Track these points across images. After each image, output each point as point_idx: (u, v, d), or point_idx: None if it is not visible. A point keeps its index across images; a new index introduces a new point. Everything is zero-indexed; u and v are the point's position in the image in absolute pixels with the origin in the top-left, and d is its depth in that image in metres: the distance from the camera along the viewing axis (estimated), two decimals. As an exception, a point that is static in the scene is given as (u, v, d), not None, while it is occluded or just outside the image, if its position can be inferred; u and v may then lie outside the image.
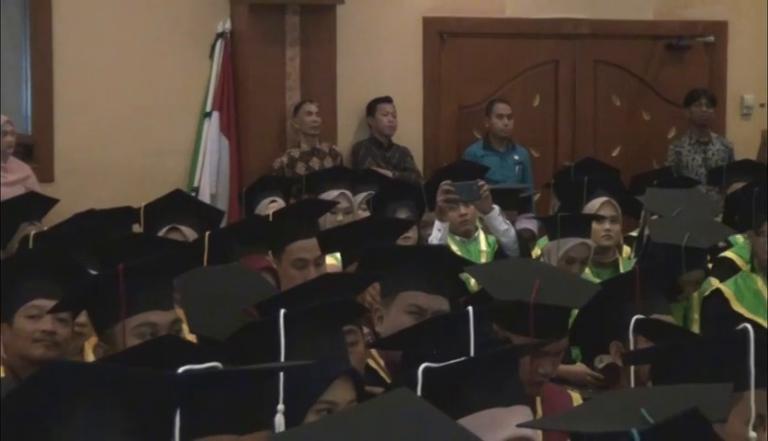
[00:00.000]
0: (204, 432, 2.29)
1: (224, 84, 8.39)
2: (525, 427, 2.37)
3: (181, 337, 3.11)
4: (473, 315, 2.86)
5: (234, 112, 8.43)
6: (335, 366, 2.67)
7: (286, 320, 2.67)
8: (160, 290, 3.26)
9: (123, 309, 3.17)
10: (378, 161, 8.51)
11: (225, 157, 8.37)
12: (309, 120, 8.29)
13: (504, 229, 5.56)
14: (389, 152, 8.64)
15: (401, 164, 8.59)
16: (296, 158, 8.27)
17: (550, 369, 3.44)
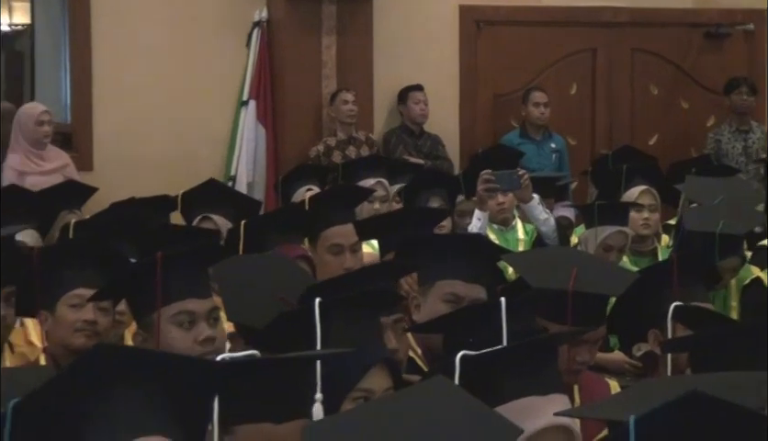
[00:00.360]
0: (241, 419, 2.30)
1: (261, 72, 8.40)
2: (563, 416, 2.37)
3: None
4: (506, 305, 2.86)
5: (271, 101, 8.45)
6: (372, 354, 2.67)
7: (321, 308, 2.68)
8: (197, 279, 3.26)
9: (159, 297, 3.18)
10: (409, 149, 8.50)
11: (262, 146, 8.39)
12: (345, 109, 8.29)
13: (544, 218, 5.55)
14: (420, 140, 8.63)
15: (433, 153, 8.57)
16: (332, 146, 8.27)
17: (588, 357, 3.43)
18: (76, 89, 8.19)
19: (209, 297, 3.26)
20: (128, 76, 8.15)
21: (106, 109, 8.14)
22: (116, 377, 1.88)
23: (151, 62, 8.22)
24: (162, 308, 3.17)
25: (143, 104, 8.17)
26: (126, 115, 8.13)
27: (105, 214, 5.26)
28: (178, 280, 3.21)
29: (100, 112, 8.16)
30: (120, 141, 8.11)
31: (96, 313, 3.60)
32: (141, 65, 8.19)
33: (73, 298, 3.61)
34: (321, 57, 8.43)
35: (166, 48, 8.26)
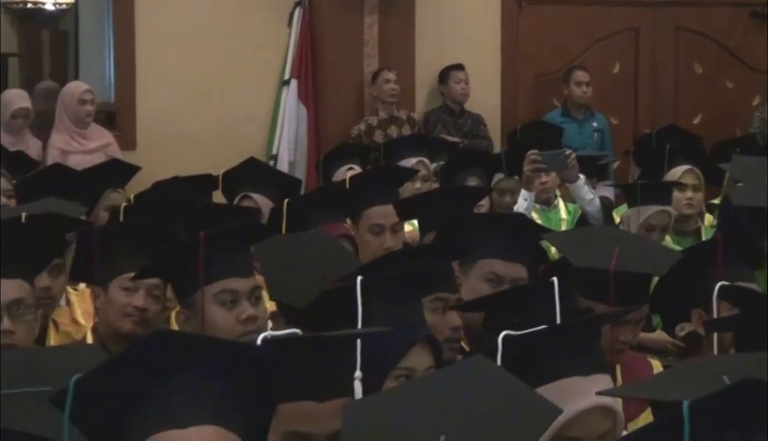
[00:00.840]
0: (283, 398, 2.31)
1: (302, 52, 8.41)
2: (605, 395, 2.36)
3: None
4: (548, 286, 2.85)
5: (312, 80, 8.45)
6: (413, 332, 2.67)
7: (363, 287, 2.68)
8: (239, 257, 3.26)
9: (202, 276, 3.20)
10: (448, 128, 8.49)
11: (303, 125, 8.40)
12: (387, 88, 8.29)
13: (590, 198, 5.53)
14: (460, 119, 8.61)
15: (473, 132, 8.56)
16: (374, 126, 8.27)
17: (630, 337, 3.42)
18: (120, 68, 8.23)
19: (252, 276, 3.27)
20: (171, 55, 8.18)
21: (149, 88, 8.18)
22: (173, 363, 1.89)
23: (193, 41, 8.24)
24: (204, 287, 3.18)
25: (186, 83, 8.20)
26: (169, 94, 8.17)
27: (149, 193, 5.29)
28: (221, 259, 3.22)
29: (143, 91, 8.20)
30: (163, 120, 8.15)
31: (146, 300, 3.58)
32: (184, 44, 8.22)
33: (126, 281, 3.59)
34: (363, 36, 8.43)
35: (209, 27, 8.28)
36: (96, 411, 1.88)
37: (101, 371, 1.90)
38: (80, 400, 1.84)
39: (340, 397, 2.31)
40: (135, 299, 3.58)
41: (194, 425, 1.89)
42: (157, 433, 1.89)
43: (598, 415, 2.41)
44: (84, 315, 4.38)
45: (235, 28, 8.34)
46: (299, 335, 2.38)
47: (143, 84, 8.20)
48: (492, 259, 3.57)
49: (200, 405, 1.90)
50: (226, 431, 1.91)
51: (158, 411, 1.88)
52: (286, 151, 8.31)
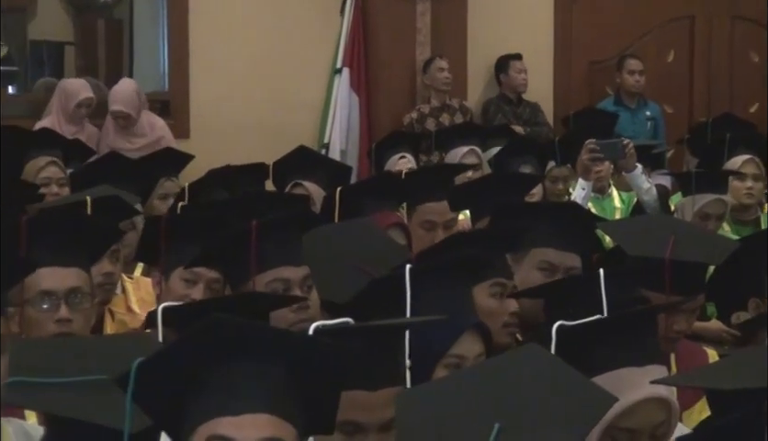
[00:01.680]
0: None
1: (354, 40, 8.41)
2: (660, 384, 2.34)
3: None
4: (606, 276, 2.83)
5: (364, 68, 8.45)
6: (463, 319, 2.67)
7: (412, 275, 2.67)
8: (291, 246, 3.27)
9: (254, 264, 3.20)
10: (508, 117, 8.47)
11: (355, 113, 8.40)
12: (440, 76, 8.27)
13: (647, 187, 5.49)
14: (519, 107, 8.60)
15: (532, 120, 8.54)
16: (426, 114, 8.26)
17: (685, 326, 3.40)
18: (174, 57, 8.27)
19: (304, 264, 3.27)
20: (224, 44, 8.20)
21: (202, 77, 8.21)
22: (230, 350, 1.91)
23: (246, 29, 8.27)
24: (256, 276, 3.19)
25: (239, 72, 8.22)
26: (222, 83, 8.20)
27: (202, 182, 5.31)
28: (273, 248, 3.23)
29: (197, 80, 8.23)
30: (216, 109, 8.18)
31: (205, 293, 3.56)
32: (238, 33, 8.24)
33: (186, 272, 3.59)
34: (416, 24, 8.41)
35: (262, 16, 8.30)
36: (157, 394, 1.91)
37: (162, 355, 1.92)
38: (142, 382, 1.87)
39: (392, 386, 2.32)
40: (194, 291, 3.57)
41: (248, 413, 1.90)
42: (212, 419, 1.90)
43: (653, 406, 2.39)
44: (138, 303, 4.41)
45: (288, 17, 8.35)
46: (352, 325, 2.38)
47: (197, 73, 8.23)
48: (546, 248, 3.55)
49: (255, 393, 1.91)
50: (280, 420, 1.92)
51: (213, 397, 1.91)
52: (338, 139, 8.32)
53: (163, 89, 8.25)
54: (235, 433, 1.89)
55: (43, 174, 5.33)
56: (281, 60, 8.32)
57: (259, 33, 8.30)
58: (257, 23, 8.30)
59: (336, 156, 7.98)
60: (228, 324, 1.90)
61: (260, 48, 8.28)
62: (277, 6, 8.34)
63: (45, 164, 5.37)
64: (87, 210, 3.85)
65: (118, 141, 7.47)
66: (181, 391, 1.92)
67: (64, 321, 3.09)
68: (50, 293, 3.05)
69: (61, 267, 3.08)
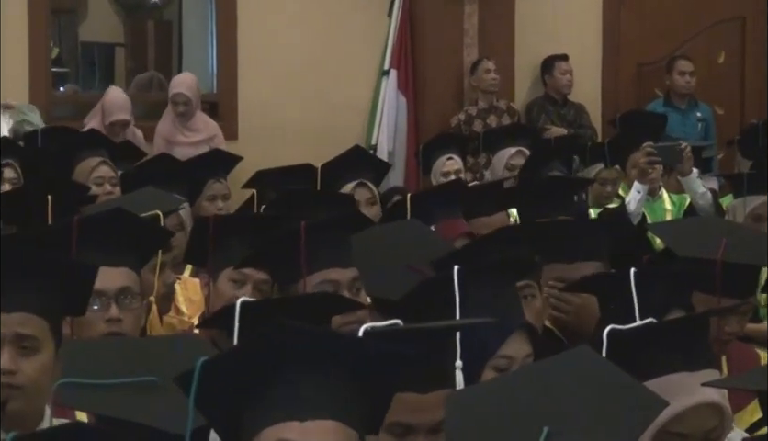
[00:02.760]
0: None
1: (402, 42, 8.41)
2: (711, 386, 2.32)
3: None
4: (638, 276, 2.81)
5: (412, 70, 8.45)
6: (511, 320, 2.66)
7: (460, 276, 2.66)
8: (339, 247, 3.27)
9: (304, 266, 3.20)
10: (552, 118, 8.44)
11: (403, 115, 8.41)
12: (487, 78, 8.26)
13: (702, 191, 5.47)
14: (563, 109, 8.56)
15: (577, 121, 8.50)
16: (473, 115, 8.25)
17: (737, 328, 3.37)
18: (222, 59, 8.31)
19: (352, 266, 3.27)
20: (272, 45, 8.23)
21: (251, 79, 8.24)
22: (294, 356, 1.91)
23: (295, 31, 8.29)
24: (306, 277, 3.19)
25: (287, 73, 8.25)
26: (270, 84, 8.22)
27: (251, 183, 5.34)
28: (321, 249, 3.23)
29: (245, 81, 8.26)
30: (264, 111, 8.21)
31: (253, 294, 3.55)
32: (285, 35, 8.27)
33: (235, 273, 3.60)
34: (463, 25, 8.40)
35: (310, 17, 8.32)
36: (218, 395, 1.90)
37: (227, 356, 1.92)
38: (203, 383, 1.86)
39: (441, 388, 2.31)
40: (242, 292, 3.57)
41: (314, 419, 1.90)
42: (277, 423, 1.91)
43: (705, 412, 2.37)
44: (186, 303, 4.43)
45: (336, 19, 8.37)
46: (401, 327, 2.38)
47: (245, 75, 8.26)
48: (556, 263, 3.50)
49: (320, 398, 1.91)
50: (344, 426, 1.92)
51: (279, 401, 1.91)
52: (385, 141, 8.33)
53: (212, 91, 8.29)
54: (301, 439, 1.90)
55: (96, 173, 5.38)
56: (329, 61, 8.33)
57: (307, 35, 8.32)
58: (305, 25, 8.32)
59: (384, 158, 7.98)
60: (293, 330, 1.89)
61: (308, 50, 8.30)
62: (325, 8, 8.35)
63: (97, 164, 5.42)
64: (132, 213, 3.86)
65: (174, 133, 7.53)
66: (243, 394, 1.91)
67: (114, 320, 3.10)
68: (101, 293, 3.06)
69: (110, 267, 3.09)
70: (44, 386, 2.49)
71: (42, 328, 2.54)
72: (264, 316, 2.61)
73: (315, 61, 8.31)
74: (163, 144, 7.39)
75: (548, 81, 8.62)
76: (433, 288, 2.76)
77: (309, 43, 8.32)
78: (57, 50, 9.67)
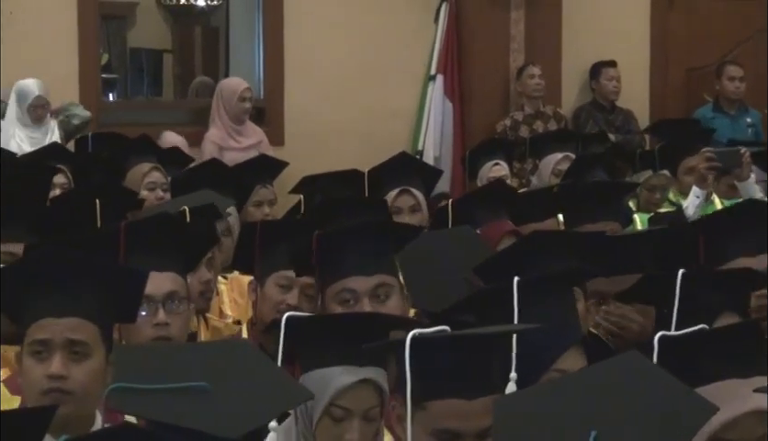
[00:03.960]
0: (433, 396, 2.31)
1: (448, 47, 8.41)
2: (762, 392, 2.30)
3: None
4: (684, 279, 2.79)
5: (458, 75, 8.44)
6: (569, 334, 2.64)
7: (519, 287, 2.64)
8: (362, 255, 3.23)
9: (318, 275, 3.21)
10: (599, 124, 8.41)
11: (449, 120, 8.41)
12: (532, 83, 8.25)
13: (759, 196, 5.44)
14: (611, 115, 8.53)
15: (625, 127, 8.46)
16: (519, 121, 8.23)
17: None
18: (269, 65, 8.33)
19: (376, 274, 3.21)
20: (318, 51, 8.25)
21: (297, 85, 8.26)
22: None
23: (340, 37, 8.31)
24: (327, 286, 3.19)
25: (333, 79, 8.26)
26: (316, 90, 8.24)
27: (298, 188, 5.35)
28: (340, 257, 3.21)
29: (291, 87, 8.28)
30: (310, 116, 8.22)
31: (300, 299, 3.58)
32: (332, 41, 8.28)
33: (282, 278, 3.62)
34: (510, 31, 8.38)
35: (356, 23, 8.34)
36: None
37: None
38: None
39: (489, 394, 2.31)
40: (289, 296, 3.60)
41: None
42: None
43: (757, 419, 2.35)
44: (231, 305, 4.44)
45: (382, 24, 8.38)
46: (448, 333, 2.38)
47: (291, 80, 8.28)
48: None
49: None
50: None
51: None
52: (431, 146, 8.33)
53: (259, 96, 8.32)
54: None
55: (148, 178, 5.42)
56: (375, 67, 8.34)
57: (354, 41, 8.33)
58: (352, 31, 8.33)
59: (430, 163, 7.98)
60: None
61: (354, 55, 8.31)
62: (372, 14, 8.36)
63: (149, 170, 5.46)
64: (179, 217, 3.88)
65: (227, 139, 7.58)
66: None
67: (162, 325, 3.12)
68: (148, 298, 3.08)
69: (158, 272, 3.11)
70: (95, 391, 2.52)
71: (93, 333, 2.56)
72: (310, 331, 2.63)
73: (361, 66, 8.32)
74: (215, 149, 7.43)
75: (596, 87, 8.60)
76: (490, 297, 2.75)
77: (355, 49, 8.33)
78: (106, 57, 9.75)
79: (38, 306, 2.57)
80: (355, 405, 2.56)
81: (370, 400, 2.57)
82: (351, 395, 2.55)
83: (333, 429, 2.56)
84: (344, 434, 2.55)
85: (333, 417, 2.56)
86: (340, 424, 2.56)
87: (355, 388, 2.55)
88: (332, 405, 2.55)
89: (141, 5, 10.38)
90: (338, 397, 2.55)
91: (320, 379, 2.55)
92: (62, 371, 2.52)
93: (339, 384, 2.54)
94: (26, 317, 2.59)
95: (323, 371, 2.56)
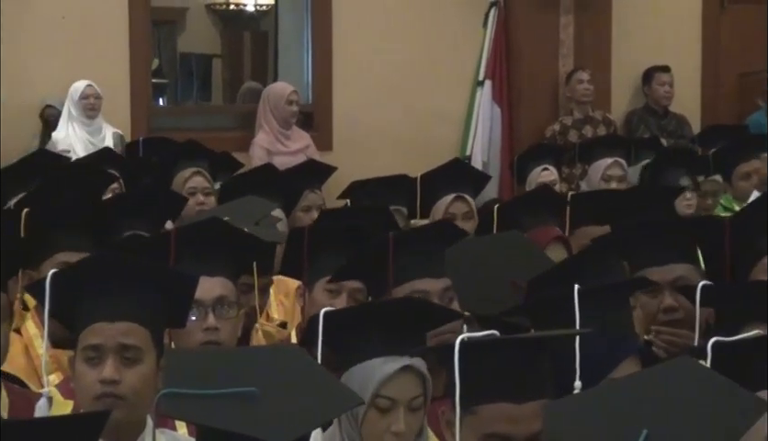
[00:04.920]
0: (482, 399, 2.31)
1: (497, 52, 8.39)
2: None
3: None
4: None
5: (507, 81, 8.43)
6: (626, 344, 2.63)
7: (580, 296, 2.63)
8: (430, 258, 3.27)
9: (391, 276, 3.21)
10: (652, 129, 8.37)
11: (497, 125, 8.39)
12: (580, 88, 8.22)
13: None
14: (664, 120, 8.48)
15: (678, 132, 8.41)
16: (568, 126, 8.20)
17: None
18: (317, 69, 8.35)
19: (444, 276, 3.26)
20: (367, 56, 8.26)
21: (345, 90, 8.28)
22: None
23: (389, 41, 8.31)
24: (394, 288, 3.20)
25: (381, 84, 8.27)
26: (364, 95, 8.25)
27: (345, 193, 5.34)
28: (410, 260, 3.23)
29: (340, 92, 8.30)
30: (359, 121, 8.24)
31: (349, 303, 3.57)
32: (380, 45, 8.29)
33: (330, 283, 3.62)
34: (559, 36, 8.35)
35: (404, 28, 8.34)
36: None
37: None
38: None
39: (540, 399, 2.30)
40: (337, 301, 3.58)
41: None
42: None
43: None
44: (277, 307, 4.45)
45: (431, 29, 8.38)
46: (498, 337, 2.37)
47: (340, 85, 8.30)
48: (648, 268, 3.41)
49: None
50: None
51: None
52: (479, 151, 8.31)
53: (307, 101, 8.35)
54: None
55: (189, 183, 5.44)
56: (423, 72, 8.34)
57: (402, 46, 8.33)
58: (400, 35, 8.33)
59: (478, 168, 7.96)
60: None
61: (403, 60, 8.32)
62: (420, 19, 8.36)
63: (190, 175, 5.48)
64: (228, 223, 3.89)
65: (274, 143, 7.61)
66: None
67: (212, 330, 3.13)
68: (198, 302, 3.09)
69: (207, 277, 3.13)
70: (146, 396, 2.53)
71: (145, 338, 2.58)
72: (350, 324, 2.64)
73: (410, 71, 8.32)
74: (263, 154, 7.46)
75: (648, 92, 8.56)
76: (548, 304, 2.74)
77: (403, 54, 8.33)
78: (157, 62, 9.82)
79: (90, 311, 2.59)
80: (400, 394, 2.59)
81: (414, 388, 2.61)
82: (395, 384, 2.59)
83: (380, 422, 2.59)
84: (390, 425, 2.58)
85: (380, 408, 2.59)
86: (386, 415, 2.59)
87: (399, 376, 2.59)
88: (377, 396, 2.58)
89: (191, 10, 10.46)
90: (383, 387, 2.58)
91: (362, 373, 2.59)
92: (114, 376, 2.53)
93: (383, 373, 2.58)
94: (78, 322, 2.61)
95: (365, 364, 2.60)
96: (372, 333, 2.62)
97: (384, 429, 2.58)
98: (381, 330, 2.62)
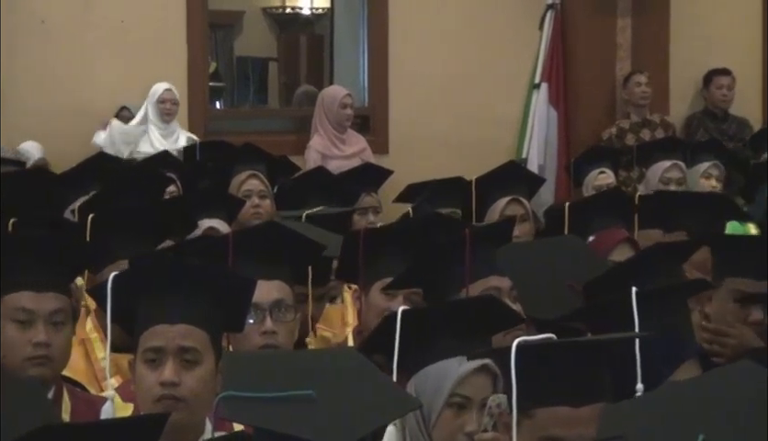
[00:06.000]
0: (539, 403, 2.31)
1: (553, 55, 8.37)
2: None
3: None
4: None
5: (563, 83, 8.40)
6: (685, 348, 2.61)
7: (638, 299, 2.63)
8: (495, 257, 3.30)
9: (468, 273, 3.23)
10: (711, 133, 8.29)
11: (553, 128, 8.36)
12: (638, 91, 8.16)
13: None
14: (724, 123, 8.40)
15: (738, 136, 8.32)
16: (625, 129, 8.16)
17: None
18: (373, 73, 8.37)
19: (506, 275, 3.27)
20: (423, 59, 8.26)
21: (401, 93, 8.28)
22: None
23: (445, 44, 8.31)
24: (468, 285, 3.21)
25: (437, 87, 8.27)
26: (420, 98, 8.25)
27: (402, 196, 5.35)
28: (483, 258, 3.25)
29: (396, 95, 8.31)
30: (415, 124, 8.24)
31: (405, 305, 3.46)
32: (436, 48, 8.29)
33: None
34: (616, 39, 8.31)
35: (460, 31, 8.33)
36: None
37: None
38: None
39: (595, 402, 2.30)
40: (394, 303, 3.57)
41: None
42: None
43: None
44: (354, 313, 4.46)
45: (486, 32, 8.36)
46: (555, 340, 2.37)
47: (396, 88, 8.31)
48: (743, 278, 3.38)
49: None
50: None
51: None
52: (536, 154, 8.29)
53: (363, 104, 8.36)
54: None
55: (244, 186, 5.47)
56: (479, 75, 8.33)
57: (457, 48, 8.33)
58: (456, 38, 8.33)
59: (534, 171, 7.93)
60: None
61: (458, 63, 8.31)
62: (476, 22, 8.35)
63: (246, 178, 5.51)
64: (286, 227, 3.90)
65: (329, 147, 7.63)
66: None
67: (270, 333, 3.15)
68: (256, 306, 3.11)
69: (265, 280, 3.14)
70: (205, 398, 2.55)
71: (204, 340, 2.60)
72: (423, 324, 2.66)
73: (465, 74, 8.32)
74: (318, 158, 7.49)
75: (706, 95, 8.48)
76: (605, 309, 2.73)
77: (459, 56, 8.33)
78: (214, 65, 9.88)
79: (150, 313, 2.62)
80: (475, 393, 2.63)
81: (488, 388, 2.63)
82: (471, 383, 2.63)
83: (453, 422, 2.62)
84: (464, 425, 2.61)
85: (455, 407, 2.61)
86: (460, 415, 2.62)
87: (475, 375, 2.63)
88: (453, 395, 2.61)
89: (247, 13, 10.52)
90: (459, 385, 2.61)
91: (438, 372, 2.63)
92: (174, 378, 2.55)
93: (462, 371, 2.62)
94: (138, 325, 2.63)
95: (440, 364, 2.64)
96: (447, 332, 2.67)
97: (457, 429, 2.61)
98: (454, 329, 2.66)
